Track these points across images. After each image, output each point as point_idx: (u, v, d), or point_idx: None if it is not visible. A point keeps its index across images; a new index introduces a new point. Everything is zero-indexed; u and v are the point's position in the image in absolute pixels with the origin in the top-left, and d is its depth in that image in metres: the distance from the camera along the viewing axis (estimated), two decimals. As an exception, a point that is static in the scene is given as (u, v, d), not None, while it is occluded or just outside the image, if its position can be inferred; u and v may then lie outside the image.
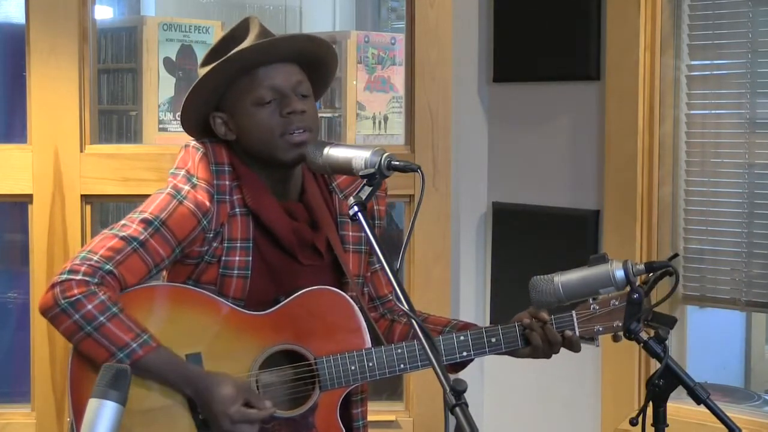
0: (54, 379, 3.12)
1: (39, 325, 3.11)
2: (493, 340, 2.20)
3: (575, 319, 2.19)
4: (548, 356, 2.22)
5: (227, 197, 2.17)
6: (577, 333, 2.19)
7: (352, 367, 2.15)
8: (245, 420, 2.07)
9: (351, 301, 2.20)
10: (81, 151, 3.16)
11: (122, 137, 4.21)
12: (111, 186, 3.17)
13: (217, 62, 2.15)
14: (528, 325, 2.19)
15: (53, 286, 2.05)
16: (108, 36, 4.24)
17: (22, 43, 3.17)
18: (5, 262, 3.79)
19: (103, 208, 3.39)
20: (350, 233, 2.29)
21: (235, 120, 2.19)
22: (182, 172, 2.18)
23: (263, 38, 2.18)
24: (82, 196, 3.15)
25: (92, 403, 1.54)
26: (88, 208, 3.19)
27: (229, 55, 2.15)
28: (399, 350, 2.17)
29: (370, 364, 2.16)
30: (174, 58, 4.14)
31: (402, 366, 2.17)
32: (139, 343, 2.04)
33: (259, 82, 2.16)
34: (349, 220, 2.22)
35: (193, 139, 2.25)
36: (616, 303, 2.17)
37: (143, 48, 4.18)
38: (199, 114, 2.22)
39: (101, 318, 2.02)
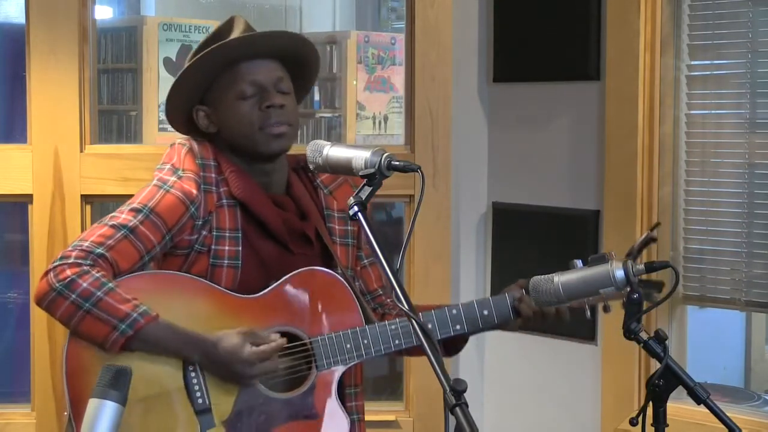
0: (54, 379, 3.11)
1: (39, 325, 3.10)
2: (485, 312, 2.22)
3: None
4: (540, 328, 2.22)
5: (214, 188, 2.21)
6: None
7: (347, 345, 2.17)
8: (261, 358, 2.09)
9: (342, 280, 2.22)
10: (81, 151, 3.16)
11: (122, 137, 4.21)
12: (111, 186, 3.17)
13: (197, 56, 2.21)
14: (519, 298, 2.21)
15: (46, 273, 2.09)
16: (108, 36, 4.24)
17: (22, 43, 3.17)
18: (5, 262, 3.79)
19: (103, 208, 3.39)
20: (337, 226, 2.32)
21: (217, 113, 2.24)
22: (167, 167, 2.23)
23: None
24: (82, 196, 3.16)
25: (92, 403, 1.54)
26: (88, 208, 3.19)
27: (210, 48, 2.20)
28: (393, 327, 2.19)
29: (365, 342, 2.18)
30: (174, 58, 4.14)
31: (397, 342, 2.19)
32: (140, 312, 2.05)
33: (241, 76, 2.22)
34: (335, 214, 2.29)
35: (179, 137, 2.30)
36: None
37: (143, 48, 4.18)
38: (184, 109, 2.28)
39: (98, 293, 2.04)
